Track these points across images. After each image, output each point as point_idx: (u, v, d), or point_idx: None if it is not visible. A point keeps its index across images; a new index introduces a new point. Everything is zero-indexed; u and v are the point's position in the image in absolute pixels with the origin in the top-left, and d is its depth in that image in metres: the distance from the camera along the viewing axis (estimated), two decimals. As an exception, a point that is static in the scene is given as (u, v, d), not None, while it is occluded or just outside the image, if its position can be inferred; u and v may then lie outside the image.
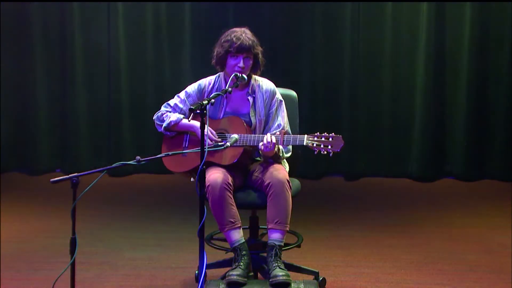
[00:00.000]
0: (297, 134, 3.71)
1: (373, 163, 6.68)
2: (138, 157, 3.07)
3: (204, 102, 3.18)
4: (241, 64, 3.63)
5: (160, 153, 3.48)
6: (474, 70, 6.52)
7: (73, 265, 2.97)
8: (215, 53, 3.71)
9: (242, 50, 3.63)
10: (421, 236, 5.02)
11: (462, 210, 5.77)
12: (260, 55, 3.72)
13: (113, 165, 3.09)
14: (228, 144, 3.31)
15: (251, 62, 3.69)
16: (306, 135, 3.47)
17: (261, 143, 3.52)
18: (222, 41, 3.68)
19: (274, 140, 3.49)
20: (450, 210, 5.77)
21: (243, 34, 3.66)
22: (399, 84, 6.64)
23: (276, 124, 3.72)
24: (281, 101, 3.78)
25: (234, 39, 3.63)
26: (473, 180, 6.58)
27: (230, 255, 3.64)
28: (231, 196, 3.54)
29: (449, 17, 6.53)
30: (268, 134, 3.51)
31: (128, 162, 3.10)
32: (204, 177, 3.15)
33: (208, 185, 3.47)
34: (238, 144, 3.51)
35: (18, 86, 6.76)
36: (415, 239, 4.96)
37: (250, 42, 3.65)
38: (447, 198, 6.15)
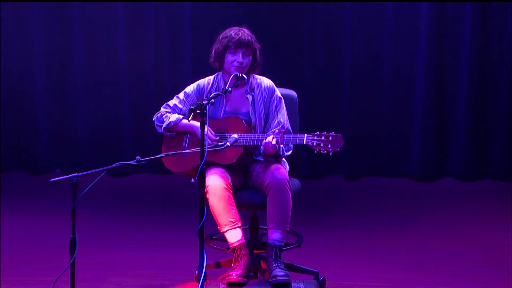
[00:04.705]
0: (297, 134, 3.72)
1: (373, 163, 6.67)
2: (138, 157, 3.08)
3: (204, 102, 3.19)
4: (240, 59, 3.64)
5: (160, 153, 3.49)
6: (474, 70, 6.50)
7: (73, 265, 2.97)
8: (213, 51, 3.74)
9: (241, 45, 3.65)
10: (421, 236, 5.02)
11: (462, 210, 5.76)
12: (258, 52, 3.73)
13: (113, 165, 3.09)
14: (228, 144, 3.31)
15: (250, 58, 3.70)
16: (306, 134, 3.47)
17: (264, 141, 3.52)
18: (220, 38, 3.72)
19: (274, 142, 3.49)
20: (450, 210, 5.76)
21: (241, 31, 3.70)
22: (399, 84, 6.62)
23: (276, 122, 3.72)
24: (280, 98, 3.78)
25: (232, 34, 3.67)
26: (473, 180, 6.57)
27: (230, 255, 3.64)
28: (231, 196, 3.54)
29: (449, 17, 6.52)
30: (270, 137, 3.51)
31: (128, 162, 3.10)
32: (204, 177, 3.16)
33: (208, 185, 3.47)
34: (238, 144, 3.51)
35: (18, 86, 6.74)
36: (414, 239, 4.96)
37: (249, 37, 3.69)
38: (447, 198, 6.14)
